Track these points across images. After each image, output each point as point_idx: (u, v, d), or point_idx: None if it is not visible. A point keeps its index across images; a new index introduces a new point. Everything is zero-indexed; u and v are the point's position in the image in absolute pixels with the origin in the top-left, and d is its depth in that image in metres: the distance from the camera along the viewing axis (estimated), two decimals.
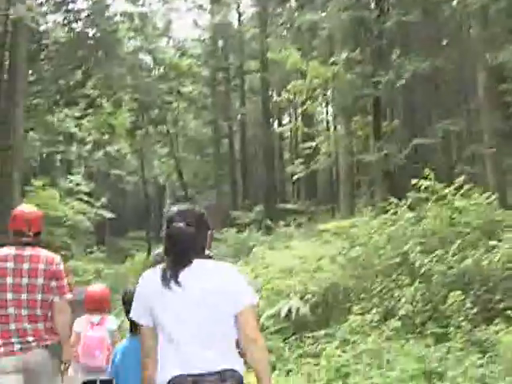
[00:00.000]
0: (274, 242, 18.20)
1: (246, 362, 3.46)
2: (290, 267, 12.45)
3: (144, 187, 45.40)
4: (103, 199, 36.18)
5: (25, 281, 5.19)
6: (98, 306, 6.71)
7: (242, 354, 3.46)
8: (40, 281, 5.21)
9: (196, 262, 3.41)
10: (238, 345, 3.47)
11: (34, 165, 39.34)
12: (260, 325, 10.38)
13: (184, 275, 3.36)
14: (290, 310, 10.26)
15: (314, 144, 23.14)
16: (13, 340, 5.12)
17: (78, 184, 34.99)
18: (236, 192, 38.60)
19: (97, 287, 7.18)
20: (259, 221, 23.74)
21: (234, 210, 28.49)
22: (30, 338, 5.15)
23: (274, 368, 9.17)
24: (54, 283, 5.28)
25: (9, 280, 5.18)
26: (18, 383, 5.08)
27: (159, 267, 3.45)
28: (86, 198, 33.98)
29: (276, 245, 16.52)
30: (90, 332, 6.46)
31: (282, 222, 21.51)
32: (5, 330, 5.14)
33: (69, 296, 5.37)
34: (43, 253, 5.35)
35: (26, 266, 5.22)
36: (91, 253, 34.30)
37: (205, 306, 3.32)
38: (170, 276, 3.36)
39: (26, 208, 5.66)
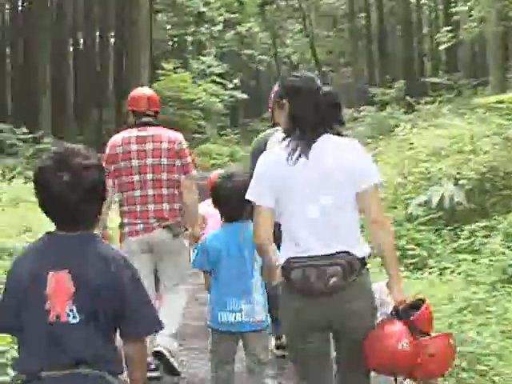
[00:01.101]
0: (418, 121, 16.60)
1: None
2: (440, 148, 10.97)
3: (277, 67, 44.71)
4: (236, 80, 36.11)
5: (149, 161, 5.19)
6: None
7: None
8: (164, 160, 5.21)
9: (324, 136, 3.25)
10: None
11: (164, 48, 39.41)
12: (408, 214, 9.21)
13: (312, 150, 3.21)
14: (442, 198, 8.86)
15: (461, 9, 20.75)
16: (137, 221, 5.20)
17: (209, 66, 35.28)
18: (373, 69, 36.76)
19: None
20: (400, 98, 22.03)
21: (372, 87, 26.80)
22: (152, 220, 5.20)
23: (424, 265, 8.06)
24: (178, 162, 5.26)
25: (134, 162, 5.20)
26: (147, 262, 5.20)
27: (281, 145, 3.29)
28: (218, 79, 33.91)
29: (420, 123, 14.93)
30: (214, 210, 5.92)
31: (425, 99, 19.74)
32: (132, 211, 5.22)
33: (194, 173, 5.36)
34: (165, 132, 5.33)
35: (149, 146, 5.21)
36: (225, 135, 33.72)
37: (331, 184, 3.18)
38: (299, 151, 3.21)
39: (142, 89, 5.74)
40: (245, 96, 35.99)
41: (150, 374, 4.97)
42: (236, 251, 4.13)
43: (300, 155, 3.21)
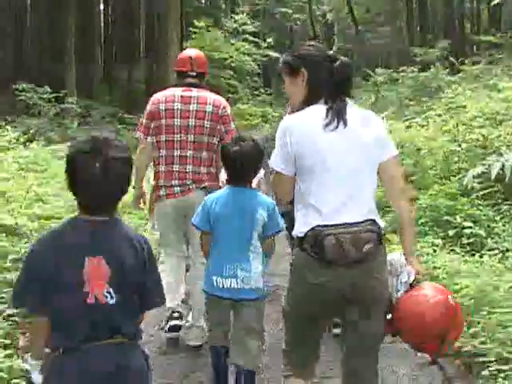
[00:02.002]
0: (464, 82, 15.50)
1: None
2: (496, 113, 9.93)
3: (312, 25, 43.56)
4: (269, 39, 35.10)
5: (192, 122, 5.13)
6: None
7: None
8: (207, 123, 5.14)
9: (349, 106, 3.26)
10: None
11: (196, 5, 38.61)
12: (462, 187, 8.24)
13: (343, 120, 3.19)
14: (502, 169, 7.84)
15: None
16: (173, 182, 5.13)
17: (242, 24, 34.27)
18: (412, 28, 35.32)
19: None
20: (444, 58, 20.80)
21: (412, 47, 25.53)
22: (189, 181, 5.13)
23: (482, 246, 7.09)
24: (220, 127, 5.19)
25: (176, 121, 5.13)
26: (179, 226, 5.23)
27: (311, 108, 3.26)
28: (251, 38, 33.24)
29: (468, 85, 13.84)
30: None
31: (470, 59, 18.55)
32: (168, 170, 5.16)
33: None
34: (210, 95, 5.26)
35: (193, 107, 5.15)
36: (258, 96, 33.02)
37: (363, 154, 3.18)
38: (337, 113, 3.18)
39: (189, 50, 5.76)
40: (278, 55, 34.38)
41: (173, 322, 5.28)
42: (236, 217, 4.07)
43: (337, 123, 3.17)
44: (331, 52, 3.39)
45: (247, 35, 33.32)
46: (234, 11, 38.06)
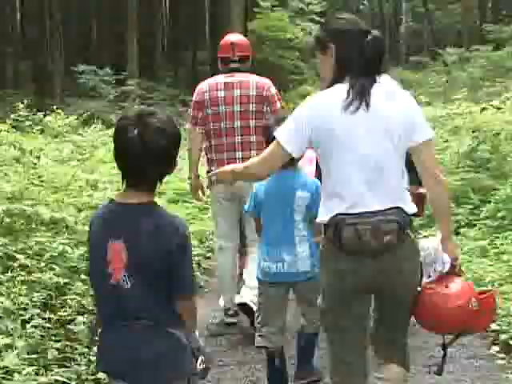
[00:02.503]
0: None
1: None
2: None
3: (379, 5, 42.67)
4: None
5: (236, 108, 5.16)
6: None
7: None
8: (252, 107, 5.16)
9: (377, 84, 3.03)
10: None
11: None
12: None
13: (375, 96, 2.99)
14: None
15: None
16: None
17: (309, 3, 33.33)
18: (484, 5, 34.03)
19: None
20: None
21: (485, 23, 24.41)
22: None
23: None
24: (266, 108, 5.19)
25: (221, 108, 5.16)
26: (233, 212, 5.32)
27: (332, 91, 3.06)
28: (317, 18, 31.18)
29: None
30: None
31: None
32: (219, 158, 5.19)
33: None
34: (253, 78, 5.27)
35: (236, 92, 5.17)
36: None
37: (389, 136, 2.99)
38: (356, 99, 2.97)
39: (231, 35, 5.67)
40: None
41: (228, 320, 5.41)
42: (280, 200, 4.03)
43: (358, 104, 2.99)
44: (365, 25, 3.14)
45: (314, 15, 32.07)
46: None
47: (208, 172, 5.17)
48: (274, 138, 3.13)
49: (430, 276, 3.16)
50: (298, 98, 27.74)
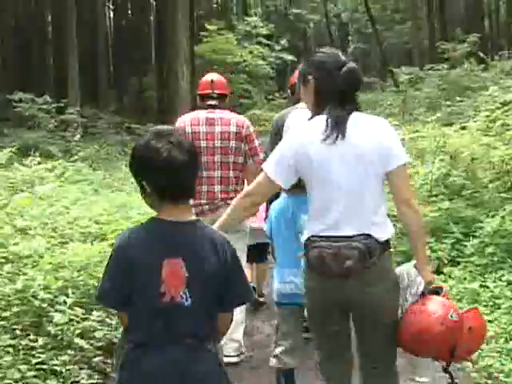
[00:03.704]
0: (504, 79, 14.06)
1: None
2: None
3: (327, 26, 42.54)
4: (283, 41, 35.03)
5: (217, 143, 5.35)
6: None
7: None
8: (232, 143, 5.36)
9: (354, 114, 3.22)
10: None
11: (208, 8, 37.82)
12: None
13: (350, 126, 3.17)
14: None
15: None
16: (202, 201, 5.31)
17: (255, 26, 33.63)
18: (433, 25, 33.88)
19: None
20: (473, 53, 19.30)
21: (438, 43, 24.07)
22: (217, 200, 5.32)
23: None
24: (245, 146, 5.42)
25: (202, 143, 5.34)
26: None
27: (311, 122, 3.29)
28: (264, 41, 32.51)
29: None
30: None
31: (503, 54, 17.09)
32: (198, 191, 5.24)
33: (261, 156, 5.39)
34: (233, 116, 5.51)
35: (217, 129, 5.38)
36: (273, 100, 32.08)
37: (363, 164, 3.13)
38: (333, 130, 3.15)
39: (210, 74, 5.88)
40: (293, 58, 34.18)
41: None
42: (286, 224, 4.16)
43: (335, 134, 3.14)
44: (343, 58, 3.28)
45: (260, 38, 32.55)
46: (247, 13, 37.21)
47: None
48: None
49: (407, 300, 3.23)
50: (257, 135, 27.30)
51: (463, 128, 9.10)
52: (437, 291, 3.20)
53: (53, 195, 9.12)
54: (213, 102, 5.47)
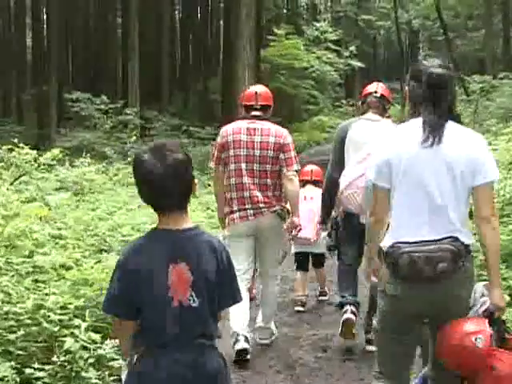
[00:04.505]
0: None
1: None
2: None
3: (397, 33, 41.63)
4: (352, 48, 34.31)
5: (257, 152, 5.68)
6: (309, 180, 7.49)
7: None
8: (270, 153, 5.67)
9: (449, 123, 3.29)
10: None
11: (276, 13, 37.45)
12: None
13: (444, 134, 3.26)
14: None
15: None
16: (247, 206, 5.68)
17: (324, 32, 33.66)
18: (508, 32, 32.71)
19: (309, 167, 7.76)
20: None
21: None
22: (261, 205, 5.68)
23: None
24: (282, 155, 5.68)
25: (243, 151, 5.68)
26: (251, 244, 5.83)
27: (408, 128, 3.38)
28: (333, 46, 32.26)
29: None
30: (302, 204, 6.58)
31: None
32: (240, 196, 5.71)
33: (296, 167, 5.73)
34: (273, 127, 5.79)
35: (257, 138, 5.70)
36: (339, 107, 31.43)
37: (452, 174, 3.22)
38: (429, 137, 3.24)
39: (255, 86, 6.32)
40: (361, 64, 33.82)
41: (240, 346, 5.51)
42: None
43: (431, 142, 3.22)
44: (432, 66, 3.39)
45: (329, 43, 32.16)
46: (316, 18, 36.72)
47: (228, 210, 5.78)
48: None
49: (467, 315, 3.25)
50: (313, 129, 26.72)
51: None
52: (497, 319, 3.20)
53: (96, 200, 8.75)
54: (257, 113, 5.79)
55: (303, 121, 28.80)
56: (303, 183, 7.22)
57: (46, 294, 4.43)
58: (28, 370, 3.80)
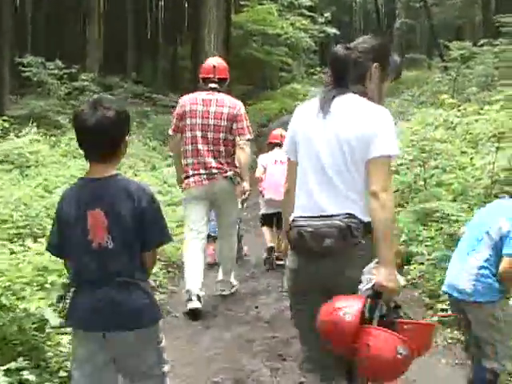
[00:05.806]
0: None
1: None
2: None
3: (374, 0, 40.91)
4: (327, 14, 33.49)
5: (211, 121, 6.19)
6: (279, 143, 7.92)
7: None
8: (223, 122, 6.20)
9: (347, 95, 3.31)
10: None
11: None
12: None
13: (335, 107, 3.28)
14: None
15: None
16: (201, 171, 6.19)
17: None
18: None
19: (278, 131, 8.32)
20: None
21: (495, 16, 22.31)
22: (214, 170, 6.19)
23: None
24: (234, 125, 6.20)
25: (199, 121, 6.19)
26: (205, 207, 6.34)
27: (313, 100, 3.44)
28: (307, 12, 31.42)
29: None
30: (273, 167, 7.76)
31: None
32: (195, 162, 6.22)
33: (248, 137, 6.25)
34: (227, 98, 6.33)
35: (212, 108, 6.20)
36: (313, 74, 30.84)
37: (341, 146, 3.21)
38: (323, 105, 3.29)
39: (212, 58, 6.96)
40: (336, 31, 32.78)
41: (192, 305, 5.98)
42: None
43: (322, 115, 3.26)
44: (355, 41, 3.51)
45: (303, 9, 31.21)
46: None
47: (185, 175, 6.27)
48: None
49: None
50: (285, 97, 25.93)
51: None
52: (376, 299, 3.10)
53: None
54: (213, 86, 6.30)
55: (276, 88, 28.05)
56: (272, 146, 8.14)
57: None
58: None
